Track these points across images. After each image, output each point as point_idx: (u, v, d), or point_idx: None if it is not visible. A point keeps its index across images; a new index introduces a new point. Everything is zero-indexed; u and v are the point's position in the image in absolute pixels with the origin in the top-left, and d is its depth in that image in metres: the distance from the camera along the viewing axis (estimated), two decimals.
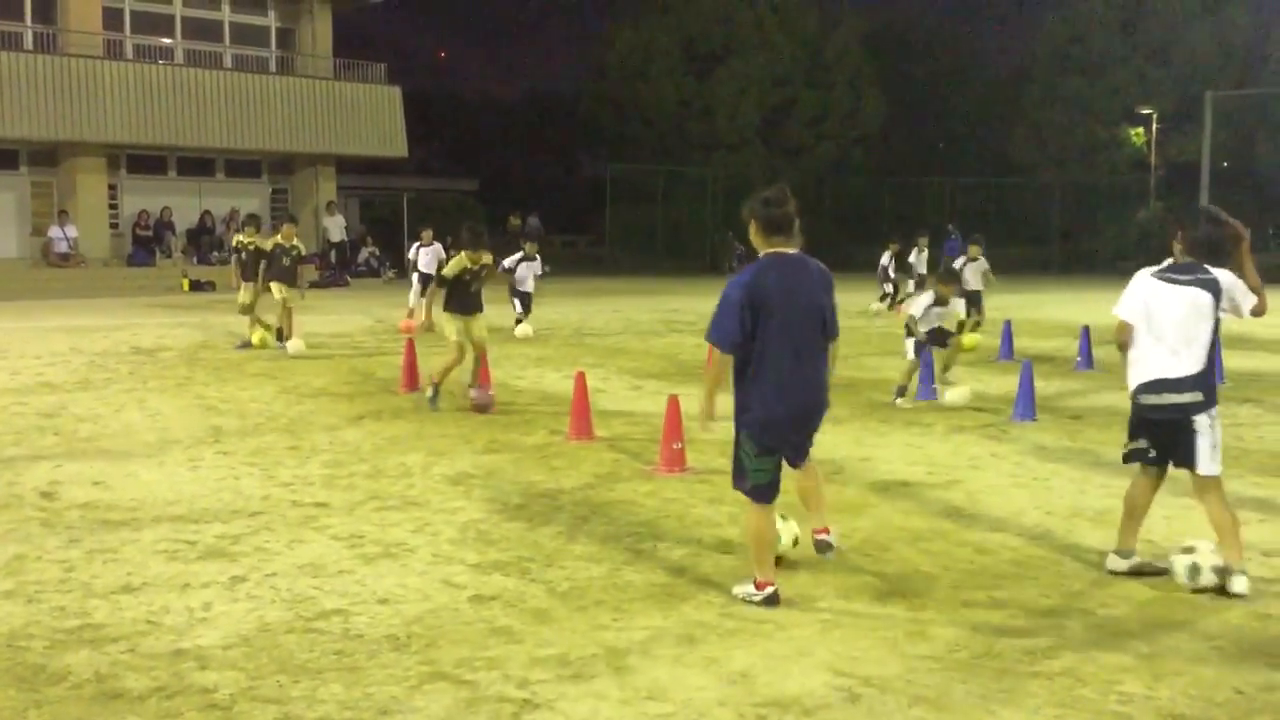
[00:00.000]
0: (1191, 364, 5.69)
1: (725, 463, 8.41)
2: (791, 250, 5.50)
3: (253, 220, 16.80)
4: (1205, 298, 5.66)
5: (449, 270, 11.08)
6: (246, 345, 15.64)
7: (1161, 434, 5.87)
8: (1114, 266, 41.93)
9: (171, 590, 5.61)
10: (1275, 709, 4.34)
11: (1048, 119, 47.85)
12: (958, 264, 16.59)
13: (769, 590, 5.43)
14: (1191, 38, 45.28)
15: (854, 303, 19.44)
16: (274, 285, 15.59)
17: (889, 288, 22.50)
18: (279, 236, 15.68)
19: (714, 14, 45.39)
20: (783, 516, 5.93)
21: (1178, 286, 5.72)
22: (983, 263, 17.09)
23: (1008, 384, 12.15)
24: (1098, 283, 35.33)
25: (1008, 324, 16.11)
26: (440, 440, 9.50)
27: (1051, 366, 14.40)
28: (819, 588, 5.71)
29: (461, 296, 11.08)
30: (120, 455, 8.85)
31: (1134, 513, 6.01)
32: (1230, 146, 40.65)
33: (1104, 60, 46.41)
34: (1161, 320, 5.73)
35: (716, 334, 5.37)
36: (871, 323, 20.67)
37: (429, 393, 10.96)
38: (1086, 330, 15.14)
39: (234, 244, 16.36)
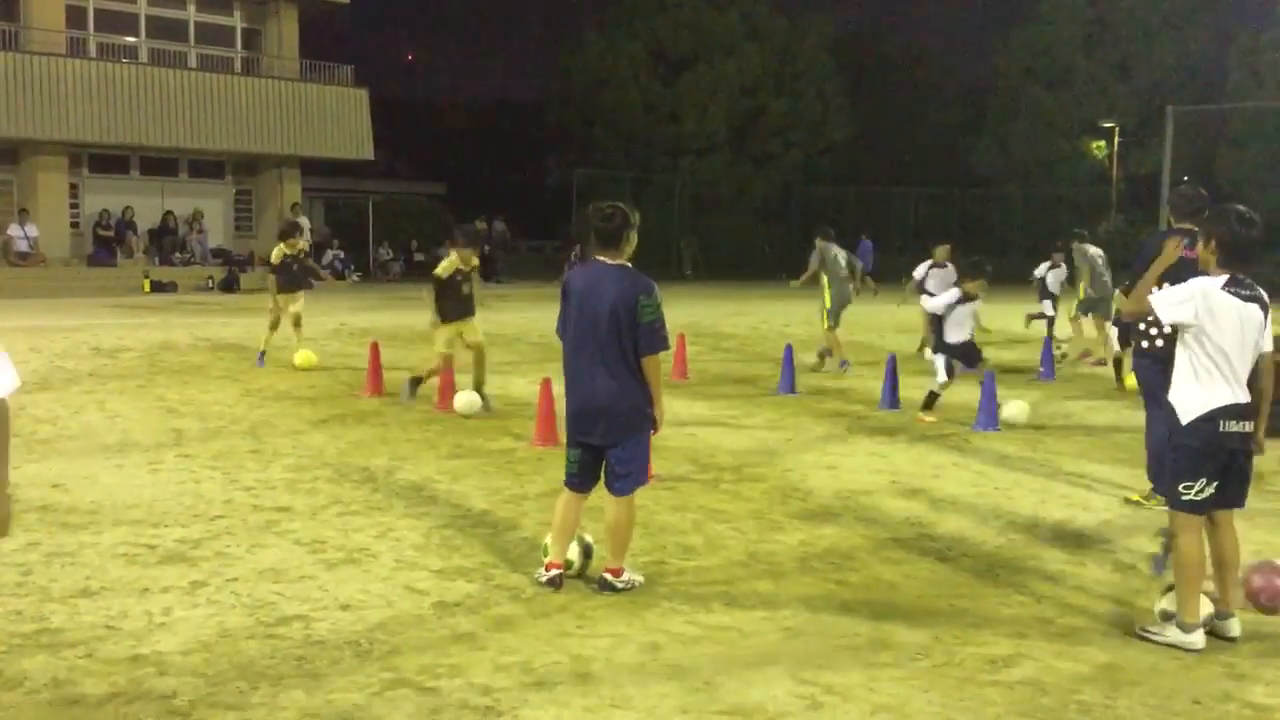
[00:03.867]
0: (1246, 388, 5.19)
1: (691, 470, 8.47)
2: (613, 262, 5.71)
3: (295, 229, 15.13)
4: (1260, 315, 5.14)
5: (441, 270, 10.86)
6: (262, 357, 14.35)
7: (1230, 467, 5.16)
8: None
9: (130, 595, 5.55)
10: (1232, 719, 4.40)
11: (1011, 131, 48.30)
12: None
13: (555, 573, 5.77)
14: (1153, 53, 45.88)
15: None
16: (289, 296, 14.46)
17: (1049, 306, 17.77)
18: (285, 246, 14.42)
19: (682, 20, 45.46)
20: (580, 537, 5.99)
21: (1247, 304, 5.10)
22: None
23: (969, 394, 12.24)
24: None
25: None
26: (404, 445, 9.46)
27: (1014, 377, 14.51)
28: (782, 596, 5.72)
29: (455, 299, 10.86)
30: (79, 457, 8.75)
31: (1202, 571, 5.17)
32: (1191, 160, 41.11)
33: (1067, 74, 46.93)
34: (1232, 339, 5.07)
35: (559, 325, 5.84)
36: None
37: (406, 388, 10.97)
38: (1049, 341, 15.28)
39: (279, 256, 14.35)
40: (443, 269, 10.87)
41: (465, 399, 10.68)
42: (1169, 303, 5.20)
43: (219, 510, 7.22)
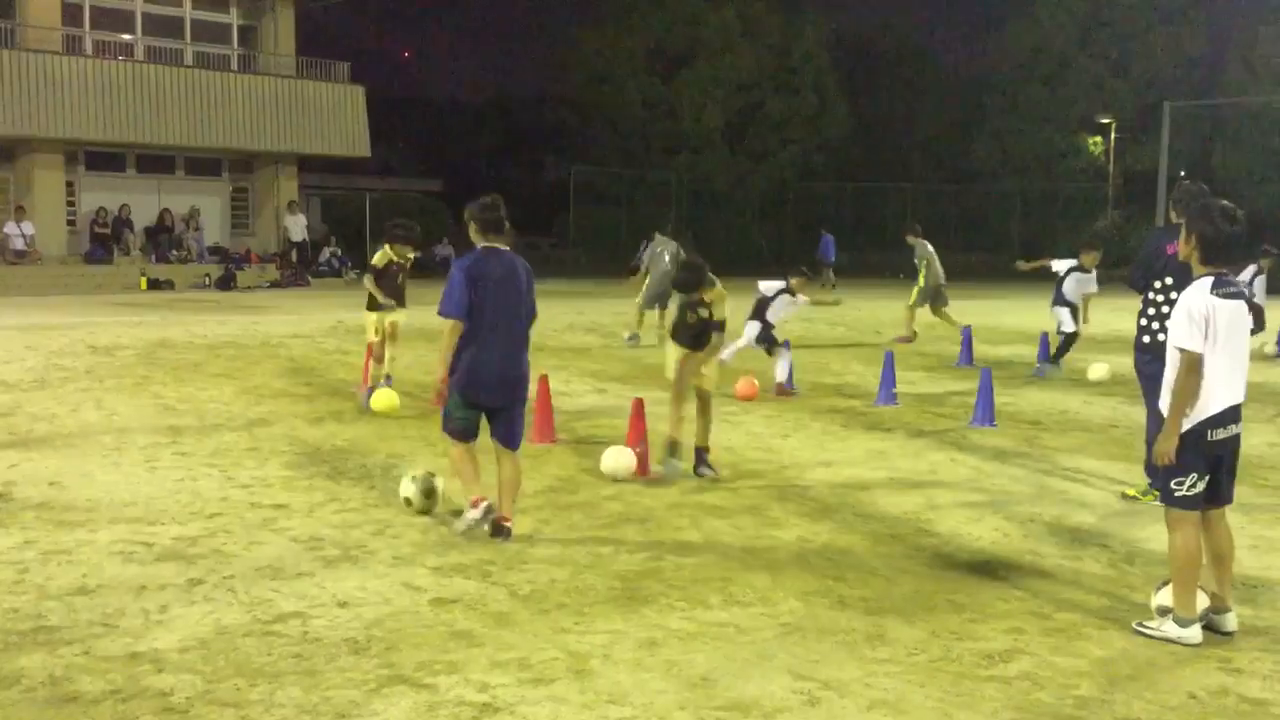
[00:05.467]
0: (1244, 385, 5.17)
1: (688, 466, 8.46)
2: (503, 247, 6.64)
3: (412, 234, 11.42)
4: (1245, 309, 5.13)
5: (377, 260, 11.31)
6: (370, 390, 11.07)
7: (1219, 465, 5.17)
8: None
9: (127, 592, 5.55)
10: (1228, 714, 4.40)
11: (1008, 127, 48.33)
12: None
13: (484, 504, 6.49)
14: (1150, 48, 45.88)
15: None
16: (384, 313, 11.50)
17: (1067, 317, 14.80)
18: (392, 251, 11.29)
19: (680, 17, 45.44)
20: (421, 476, 7.08)
21: (1236, 302, 5.06)
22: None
23: (966, 389, 12.25)
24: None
25: (967, 330, 16.23)
26: (401, 442, 9.45)
27: (1010, 373, 14.52)
28: (779, 592, 5.73)
29: (390, 289, 11.26)
30: (76, 455, 8.74)
31: (1198, 566, 5.16)
32: (1187, 156, 41.20)
33: (1064, 70, 46.94)
34: (1226, 341, 5.03)
35: (447, 307, 6.45)
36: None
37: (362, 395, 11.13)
38: (1045, 336, 15.28)
39: (383, 261, 11.27)
40: (378, 259, 11.30)
41: (384, 399, 10.73)
42: (1185, 337, 5.04)
43: (216, 508, 7.21)
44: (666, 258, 16.96)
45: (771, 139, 47.10)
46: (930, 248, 17.76)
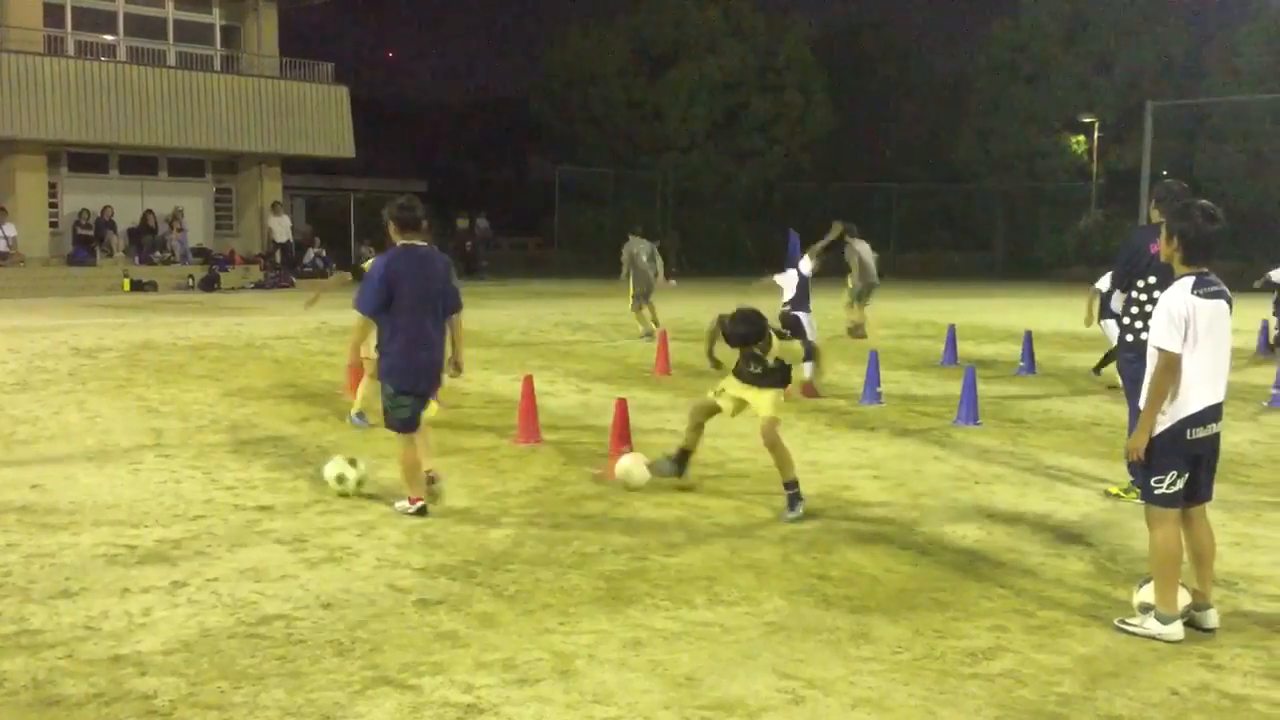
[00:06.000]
0: (1225, 385, 5.18)
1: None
2: (420, 243, 6.98)
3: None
4: (1226, 309, 5.13)
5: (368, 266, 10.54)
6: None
7: (1199, 463, 5.19)
8: (1055, 273, 42.62)
9: (111, 595, 5.54)
10: (1209, 710, 4.43)
11: (992, 127, 48.44)
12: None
13: (419, 504, 7.00)
14: (1132, 48, 46.05)
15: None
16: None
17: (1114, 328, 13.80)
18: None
19: (665, 16, 45.44)
20: (351, 461, 7.55)
21: (1217, 301, 5.07)
22: None
23: (951, 388, 12.29)
24: (1040, 289, 35.87)
25: (951, 329, 16.29)
26: (386, 443, 9.41)
27: (994, 371, 14.58)
28: (764, 591, 5.74)
29: None
30: (59, 458, 8.71)
31: (1179, 563, 5.18)
32: (1170, 155, 41.31)
33: (1047, 69, 47.08)
34: (1207, 340, 5.03)
35: (361, 303, 6.91)
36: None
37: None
38: (1029, 335, 15.35)
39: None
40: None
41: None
42: (1164, 337, 5.05)
43: (200, 510, 7.19)
44: (644, 257, 18.54)
45: (757, 139, 47.13)
46: (863, 250, 18.53)
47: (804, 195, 47.73)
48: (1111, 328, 13.47)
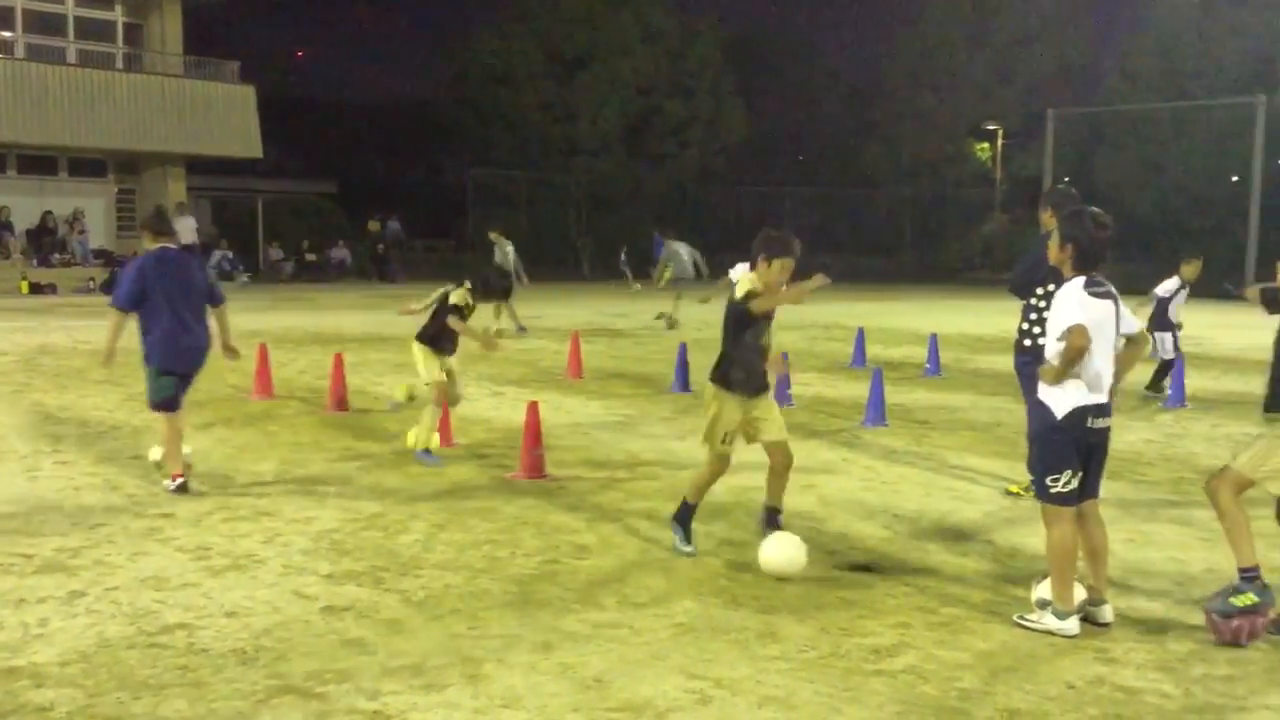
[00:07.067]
0: (1109, 386, 5.31)
1: (585, 469, 8.48)
2: (170, 245, 7.92)
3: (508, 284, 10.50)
4: (1112, 309, 5.29)
5: (457, 299, 9.09)
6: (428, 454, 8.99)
7: (1090, 459, 5.33)
8: (961, 276, 43.49)
9: (5, 606, 5.38)
10: (1104, 703, 4.56)
11: (899, 133, 49.30)
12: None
13: (180, 480, 7.64)
14: (1033, 57, 47.18)
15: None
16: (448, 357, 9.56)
17: (1167, 343, 13.20)
18: (469, 293, 9.17)
19: (576, 17, 45.43)
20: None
21: (1106, 302, 5.25)
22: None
23: (859, 390, 12.47)
24: (946, 292, 36.55)
25: (860, 331, 16.53)
26: (293, 448, 9.31)
27: (901, 373, 14.82)
28: (673, 593, 5.78)
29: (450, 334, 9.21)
30: None
31: (1074, 559, 5.31)
32: (1070, 162, 42.41)
33: (951, 77, 48.06)
34: (1096, 338, 5.14)
35: (115, 299, 7.75)
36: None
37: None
38: (934, 338, 15.64)
39: (462, 299, 9.10)
40: (459, 298, 9.10)
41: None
42: (1068, 315, 5.16)
43: (99, 518, 7.03)
44: (511, 256, 19.92)
45: (669, 143, 47.38)
46: (680, 250, 21.26)
47: (716, 199, 48.07)
48: (1165, 340, 13.00)
